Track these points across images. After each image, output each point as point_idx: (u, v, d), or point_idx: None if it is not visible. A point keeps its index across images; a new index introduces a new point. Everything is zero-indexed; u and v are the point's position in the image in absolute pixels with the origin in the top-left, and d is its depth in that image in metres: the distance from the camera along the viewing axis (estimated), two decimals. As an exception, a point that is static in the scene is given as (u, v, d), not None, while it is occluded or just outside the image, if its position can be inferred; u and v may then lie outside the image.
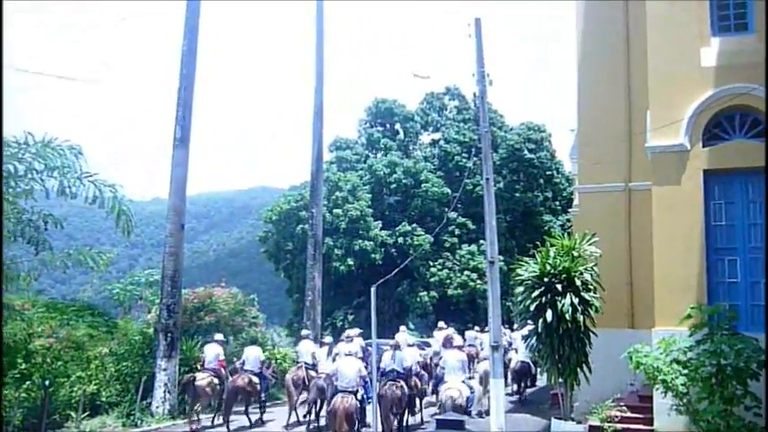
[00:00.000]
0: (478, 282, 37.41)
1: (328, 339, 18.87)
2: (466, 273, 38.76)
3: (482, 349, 19.31)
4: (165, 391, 17.37)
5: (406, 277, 39.08)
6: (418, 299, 38.69)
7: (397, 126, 46.29)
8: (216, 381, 16.26)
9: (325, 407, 14.49)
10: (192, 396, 16.05)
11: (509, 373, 19.13)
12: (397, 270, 15.30)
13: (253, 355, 17.19)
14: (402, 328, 23.11)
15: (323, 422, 15.19)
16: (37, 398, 13.99)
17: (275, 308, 53.47)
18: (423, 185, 40.54)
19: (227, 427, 15.69)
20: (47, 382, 13.81)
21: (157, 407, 17.20)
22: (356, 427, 13.12)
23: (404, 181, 40.66)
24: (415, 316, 41.74)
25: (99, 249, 15.17)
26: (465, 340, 19.47)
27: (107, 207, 14.11)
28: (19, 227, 13.07)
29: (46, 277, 22.44)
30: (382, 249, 38.53)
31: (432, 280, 38.87)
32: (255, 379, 16.64)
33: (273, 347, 22.91)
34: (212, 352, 16.91)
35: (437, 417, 4.45)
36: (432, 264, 39.28)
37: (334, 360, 15.26)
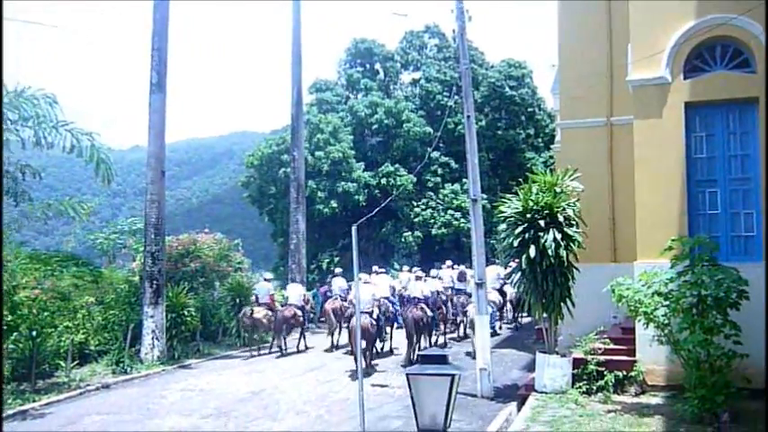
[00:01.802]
0: (462, 220, 37.62)
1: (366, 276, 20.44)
2: (449, 212, 38.94)
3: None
4: (153, 338, 17.46)
5: (391, 218, 39.21)
6: (403, 239, 38.89)
7: (377, 66, 45.80)
8: (270, 312, 19.32)
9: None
10: (251, 326, 19.27)
11: (508, 304, 22.96)
12: (378, 209, 15.52)
13: (296, 292, 20.49)
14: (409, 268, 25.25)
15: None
16: (25, 349, 14.02)
17: (260, 252, 53.64)
18: (404, 125, 40.33)
19: (280, 349, 19.01)
20: (34, 333, 13.81)
21: (146, 353, 17.32)
22: (373, 341, 16.44)
23: (385, 121, 40.41)
24: (400, 256, 41.96)
25: (80, 199, 15.16)
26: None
27: (86, 156, 14.03)
28: (-4, 178, 12.95)
29: (28, 229, 22.31)
30: (365, 191, 38.52)
31: (416, 220, 39.03)
32: (299, 311, 19.62)
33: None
34: (264, 289, 20.02)
35: (420, 353, 4.59)
36: (415, 204, 39.39)
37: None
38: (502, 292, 21.70)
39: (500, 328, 21.82)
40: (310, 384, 14.37)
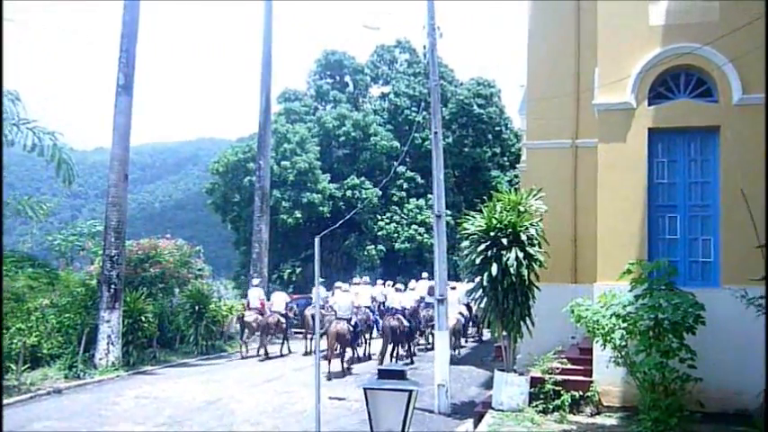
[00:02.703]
0: (426, 236, 37.70)
1: (337, 284, 21.46)
2: (413, 227, 39.02)
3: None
4: (108, 343, 17.22)
5: (354, 230, 39.18)
6: (366, 252, 38.87)
7: (347, 78, 45.85)
8: (260, 317, 20.83)
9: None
10: (242, 328, 21.14)
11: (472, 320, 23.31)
12: (342, 221, 15.79)
13: (280, 299, 21.85)
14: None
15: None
16: (-25, 349, 13.73)
17: (222, 260, 53.19)
18: (372, 138, 40.39)
19: (263, 353, 20.37)
20: (-16, 334, 13.53)
21: (101, 358, 17.05)
22: (347, 346, 17.74)
23: (353, 134, 40.43)
24: (362, 269, 41.90)
25: (39, 199, 14.91)
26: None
27: (47, 155, 13.81)
28: (-47, 175, 12.67)
29: (-17, 227, 21.83)
30: (330, 202, 38.45)
31: (379, 233, 39.03)
32: (282, 318, 21.14)
33: (219, 300, 22.84)
34: (254, 295, 21.87)
35: (378, 367, 4.58)
36: (380, 217, 39.40)
37: (332, 295, 20.09)
38: (469, 308, 21.95)
39: (465, 342, 22.61)
40: (268, 395, 14.25)
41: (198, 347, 20.42)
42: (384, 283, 25.68)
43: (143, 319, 18.23)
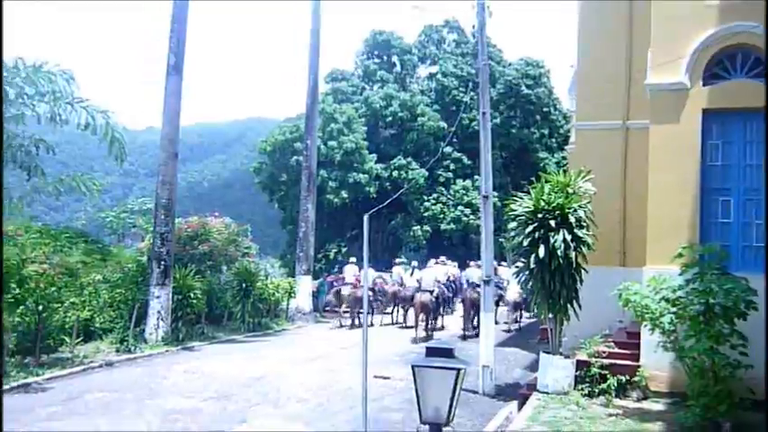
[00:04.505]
0: (472, 217, 37.60)
1: (414, 263, 25.70)
2: (459, 208, 38.93)
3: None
4: (158, 319, 17.54)
5: (400, 211, 39.22)
6: (411, 232, 38.92)
7: (395, 58, 45.76)
8: (356, 291, 21.98)
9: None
10: (338, 301, 23.80)
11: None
12: (389, 201, 15.80)
13: (369, 276, 22.25)
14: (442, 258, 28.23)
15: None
16: (31, 322, 14.09)
17: (269, 239, 53.71)
18: (419, 119, 40.29)
19: (353, 323, 22.60)
20: (40, 308, 13.87)
21: (150, 333, 17.39)
22: (431, 315, 20.60)
23: (400, 114, 40.37)
24: (408, 249, 42.01)
25: (92, 176, 15.15)
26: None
27: (100, 134, 14.07)
28: (10, 151, 12.98)
29: (39, 204, 22.44)
30: (377, 182, 38.52)
31: (425, 214, 39.02)
32: (370, 292, 21.83)
33: (266, 278, 23.08)
34: (350, 271, 24.19)
35: (427, 345, 4.52)
36: (426, 198, 39.37)
37: (411, 274, 23.65)
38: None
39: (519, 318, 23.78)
40: (313, 372, 14.39)
41: (245, 324, 20.69)
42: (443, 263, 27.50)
43: (192, 295, 18.51)
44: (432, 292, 20.23)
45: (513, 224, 12.26)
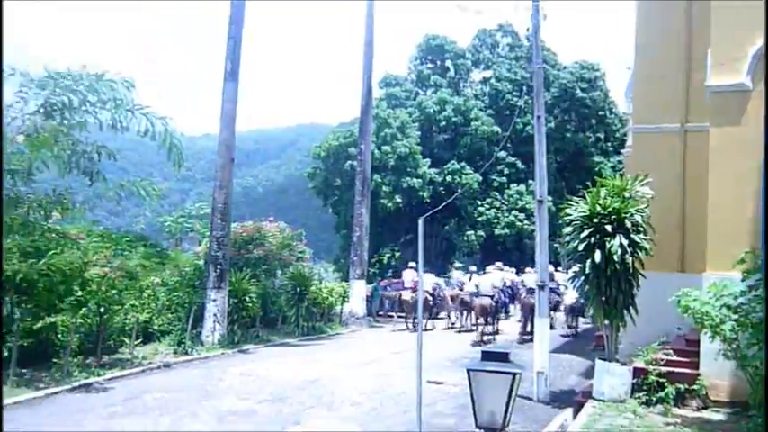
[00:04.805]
0: (526, 222, 37.34)
1: (473, 268, 25.99)
2: (513, 212, 38.71)
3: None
4: (214, 321, 17.80)
5: (454, 216, 39.12)
6: (465, 237, 38.79)
7: (448, 63, 45.68)
8: (415, 295, 22.29)
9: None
10: (399, 305, 24.76)
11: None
12: (443, 205, 15.83)
13: (427, 280, 23.36)
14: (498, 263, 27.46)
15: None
16: (92, 324, 14.43)
17: (322, 244, 54.05)
18: (472, 123, 40.15)
19: (415, 326, 21.93)
20: (102, 309, 14.21)
21: (207, 336, 17.66)
22: (489, 319, 21.39)
23: (453, 119, 40.29)
24: (461, 254, 41.87)
25: (151, 182, 15.46)
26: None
27: (159, 140, 14.33)
28: (74, 158, 13.35)
29: (100, 209, 22.98)
30: (430, 187, 38.45)
31: (479, 219, 38.87)
32: (430, 296, 23.42)
33: (320, 282, 23.26)
34: (409, 276, 24.53)
35: (483, 349, 4.51)
36: (479, 203, 39.22)
37: (470, 279, 23.87)
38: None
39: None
40: (367, 376, 14.44)
41: (299, 328, 20.87)
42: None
43: (247, 299, 18.75)
44: (491, 296, 20.91)
45: (568, 229, 12.13)
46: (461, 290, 24.01)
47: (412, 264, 25.87)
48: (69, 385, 12.37)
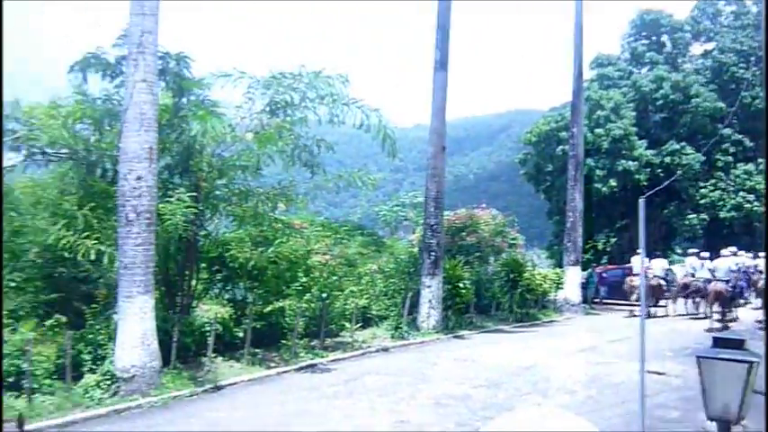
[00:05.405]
0: (756, 204, 34.62)
1: (705, 254, 23.41)
2: (741, 194, 35.99)
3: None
4: (429, 308, 18.21)
5: (673, 199, 37.10)
6: (686, 221, 36.67)
7: (664, 38, 43.20)
8: (648, 282, 21.75)
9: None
10: (629, 291, 23.37)
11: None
12: (663, 186, 15.03)
13: (659, 266, 23.87)
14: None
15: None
16: (316, 308, 15.27)
17: (535, 230, 53.48)
18: (692, 100, 37.71)
19: (649, 313, 21.24)
20: (324, 295, 15.05)
21: (422, 321, 18.11)
22: (726, 305, 20.00)
23: (671, 96, 38.09)
24: (682, 239, 39.68)
25: (367, 172, 16.12)
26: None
27: (373, 132, 14.90)
28: (296, 152, 14.26)
29: (320, 200, 24.27)
30: (647, 170, 36.65)
31: (701, 202, 36.57)
32: (663, 282, 23.28)
33: (533, 268, 23.06)
34: (637, 261, 23.05)
35: (714, 335, 4.21)
36: (702, 184, 36.88)
37: (703, 265, 22.20)
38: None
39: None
40: (582, 364, 14.13)
41: (512, 315, 20.84)
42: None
43: (461, 285, 19.00)
44: (727, 281, 19.96)
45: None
46: (693, 276, 22.93)
47: (640, 250, 24.39)
48: (296, 365, 13.32)
